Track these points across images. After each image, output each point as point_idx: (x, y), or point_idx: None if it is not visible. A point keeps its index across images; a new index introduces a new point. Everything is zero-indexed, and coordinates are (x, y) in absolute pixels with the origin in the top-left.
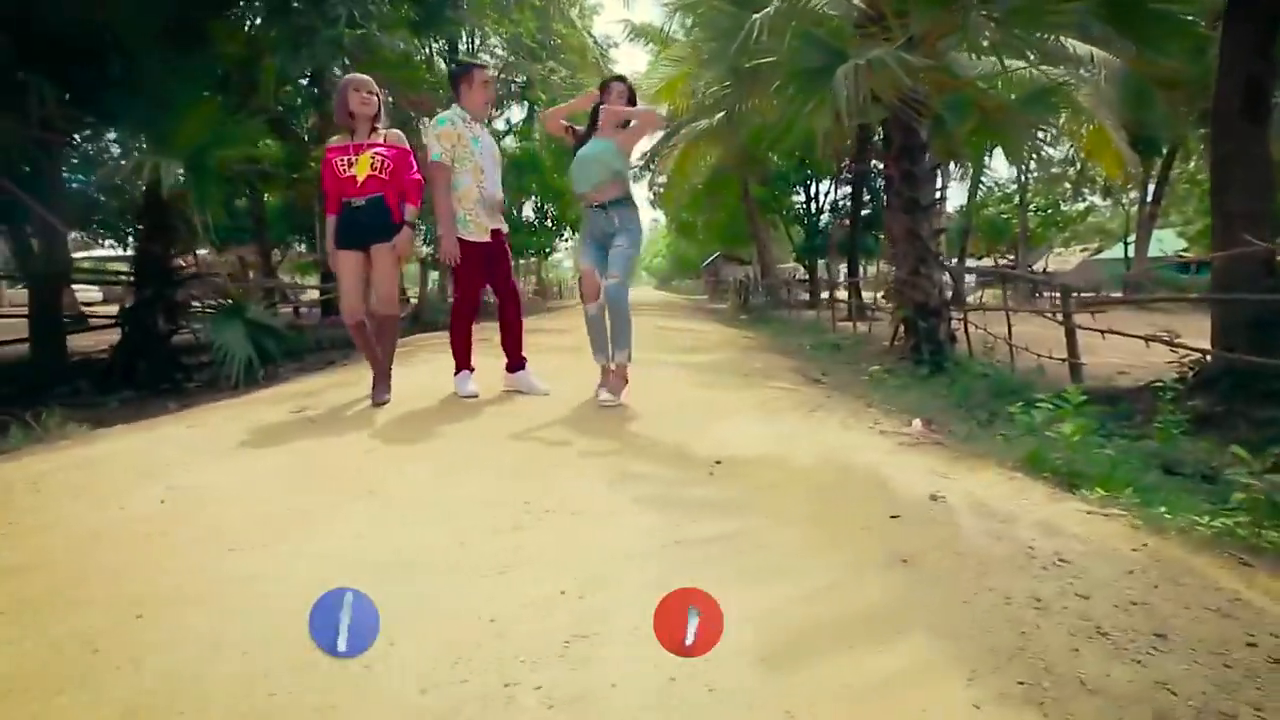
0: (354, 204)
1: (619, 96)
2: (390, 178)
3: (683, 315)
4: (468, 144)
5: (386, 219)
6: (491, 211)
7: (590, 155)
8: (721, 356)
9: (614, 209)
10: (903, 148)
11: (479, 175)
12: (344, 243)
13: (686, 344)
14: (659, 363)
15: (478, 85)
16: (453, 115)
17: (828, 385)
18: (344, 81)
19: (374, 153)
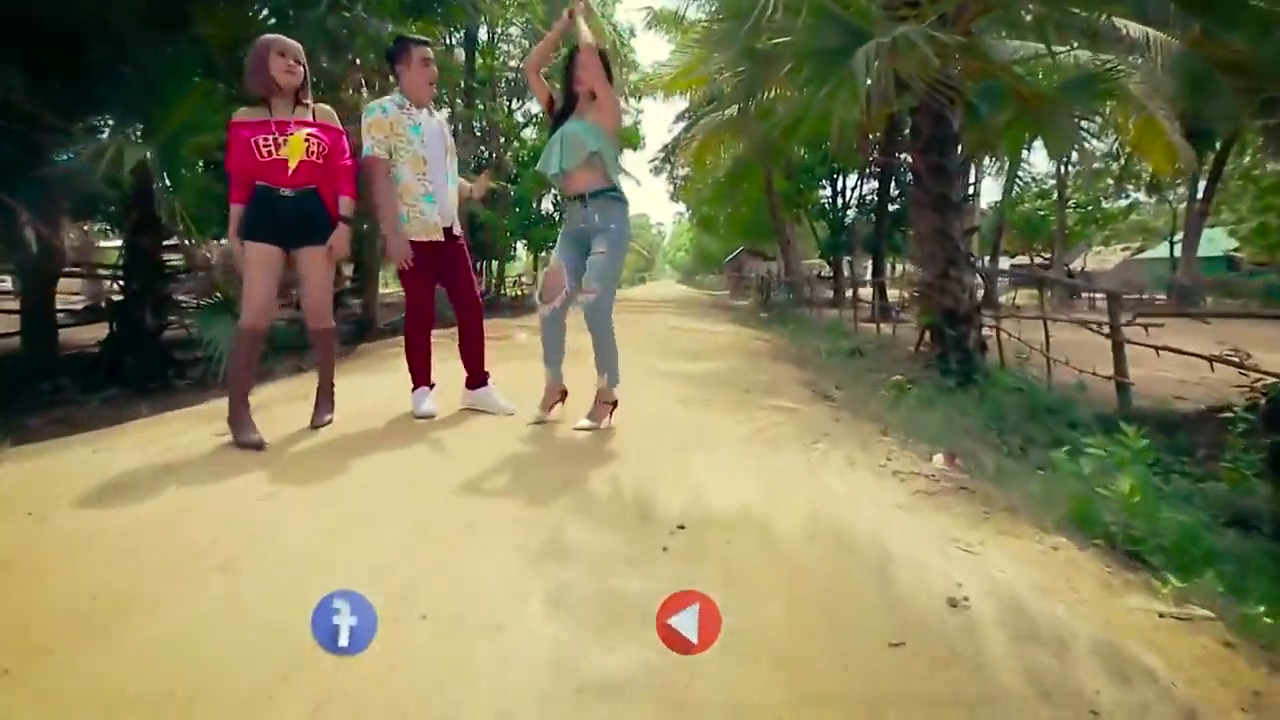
0: (281, 194)
1: (583, 67)
2: (325, 164)
3: (699, 313)
4: (404, 132)
5: (321, 215)
6: (441, 207)
7: (561, 133)
8: (725, 365)
9: (593, 203)
10: (931, 139)
11: (420, 166)
12: (259, 233)
13: (692, 348)
14: (653, 372)
15: (416, 65)
16: (383, 102)
17: (839, 403)
18: (263, 42)
19: (308, 134)
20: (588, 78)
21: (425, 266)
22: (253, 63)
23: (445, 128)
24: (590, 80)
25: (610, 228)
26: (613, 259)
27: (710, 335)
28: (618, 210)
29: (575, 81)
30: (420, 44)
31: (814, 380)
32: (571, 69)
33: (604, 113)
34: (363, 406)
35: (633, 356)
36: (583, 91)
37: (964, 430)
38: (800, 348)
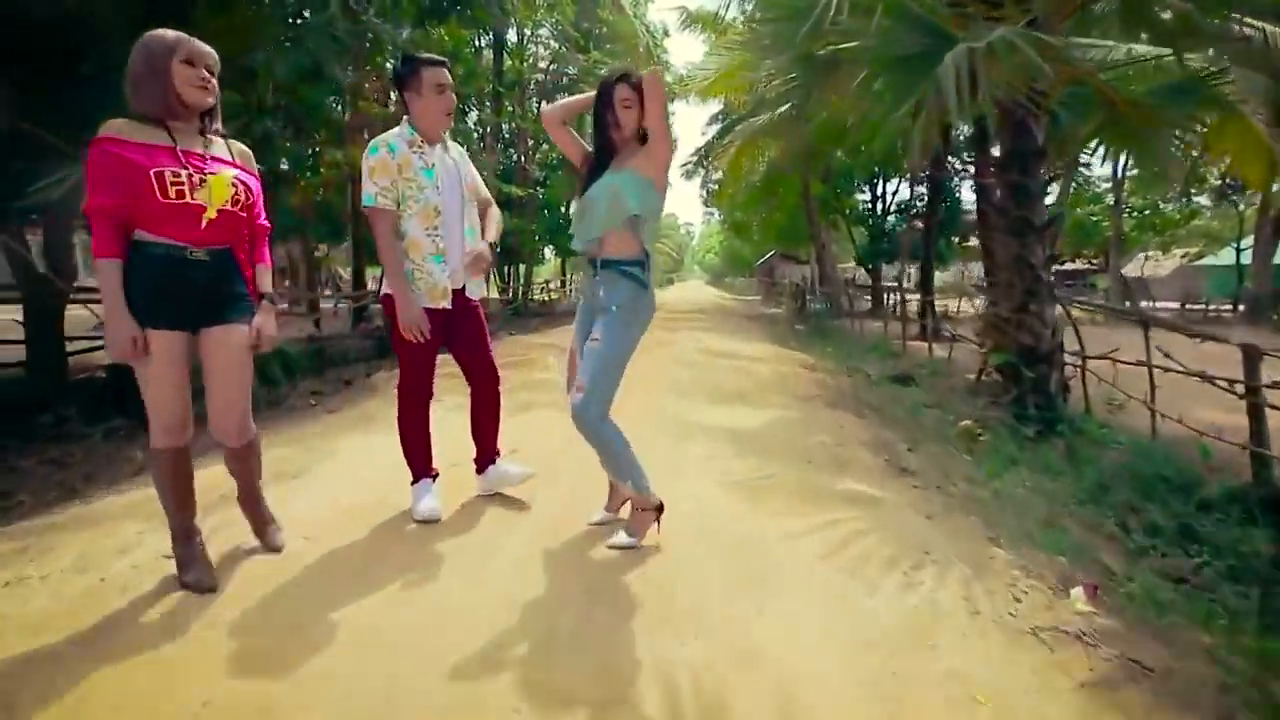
0: (190, 255)
1: (624, 105)
2: (245, 219)
3: (731, 326)
4: (414, 176)
5: (238, 285)
6: (453, 267)
7: (594, 193)
8: (774, 415)
9: (603, 273)
10: (1012, 154)
11: (432, 218)
12: (162, 315)
13: (732, 384)
14: (692, 427)
15: (428, 91)
16: (389, 138)
17: (918, 474)
18: (159, 42)
19: (234, 176)
20: (650, 114)
21: (432, 332)
22: (143, 69)
23: (464, 165)
24: (652, 118)
25: (612, 309)
26: (611, 348)
27: (749, 363)
28: (626, 289)
29: (618, 122)
30: (434, 64)
31: (879, 436)
32: (611, 105)
33: (657, 161)
34: (351, 499)
35: (666, 399)
36: (627, 135)
37: (1061, 498)
38: (848, 373)
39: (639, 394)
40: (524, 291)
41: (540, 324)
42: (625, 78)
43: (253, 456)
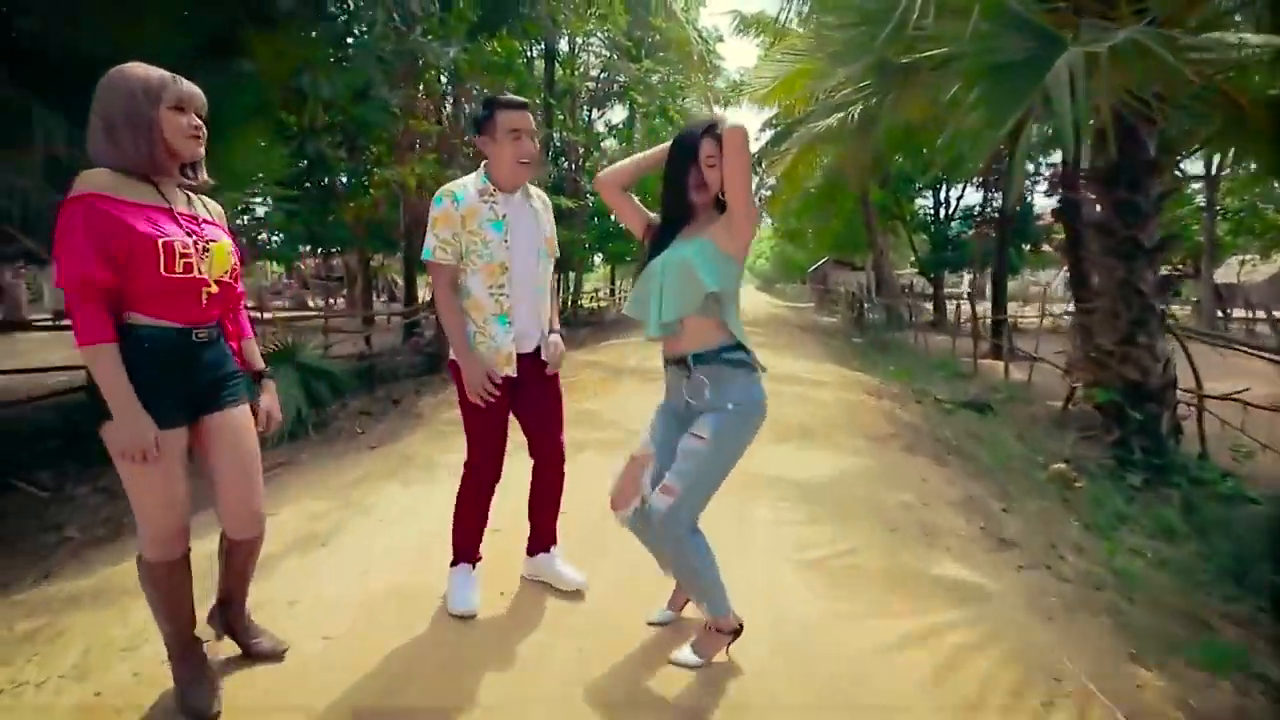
0: (195, 338)
1: (709, 164)
2: (235, 284)
3: (786, 338)
4: (480, 230)
5: (232, 364)
6: (520, 328)
7: (661, 266)
8: (847, 464)
9: (702, 369)
10: (1119, 166)
11: (497, 276)
12: (165, 413)
13: (795, 419)
14: (755, 478)
15: (502, 135)
16: (456, 187)
17: (1025, 553)
18: (141, 81)
19: (230, 244)
20: (731, 176)
21: (491, 404)
22: (123, 114)
23: (544, 214)
24: (734, 181)
25: (728, 407)
26: (717, 453)
27: (811, 388)
28: (741, 380)
29: (704, 182)
30: (511, 108)
31: (968, 492)
32: (697, 161)
33: (739, 232)
34: (381, 578)
35: None
36: (709, 199)
37: (1201, 588)
38: (916, 398)
39: None
40: (574, 300)
41: (589, 335)
42: (712, 130)
43: (253, 554)
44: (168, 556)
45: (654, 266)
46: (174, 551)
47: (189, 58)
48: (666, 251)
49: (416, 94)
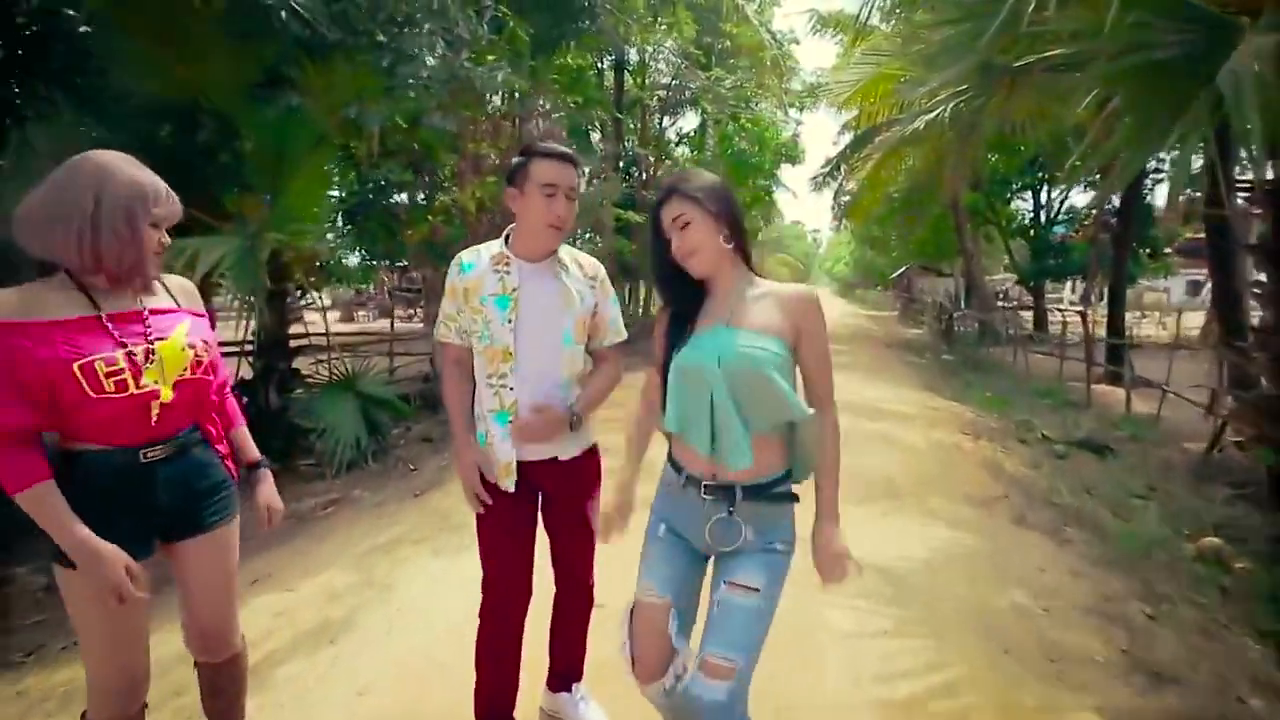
0: (145, 459)
1: (681, 226)
2: (210, 378)
3: (868, 359)
4: (482, 305)
5: (213, 473)
6: (534, 429)
7: (716, 365)
8: (941, 540)
9: (750, 505)
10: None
11: (498, 363)
12: (124, 544)
13: (877, 470)
14: None
15: (533, 188)
16: (468, 254)
17: (1187, 694)
18: (137, 192)
19: (185, 330)
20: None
21: (500, 521)
22: (117, 216)
23: (583, 287)
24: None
25: (776, 547)
26: (771, 606)
27: (896, 424)
28: (789, 519)
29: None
30: (549, 157)
31: (1100, 590)
32: (665, 243)
33: (797, 304)
34: (384, 699)
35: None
36: (705, 263)
37: None
38: (1019, 435)
39: None
40: (644, 312)
41: None
42: (669, 193)
43: (237, 676)
44: (120, 714)
45: (691, 364)
46: (127, 708)
47: (247, 93)
48: (705, 339)
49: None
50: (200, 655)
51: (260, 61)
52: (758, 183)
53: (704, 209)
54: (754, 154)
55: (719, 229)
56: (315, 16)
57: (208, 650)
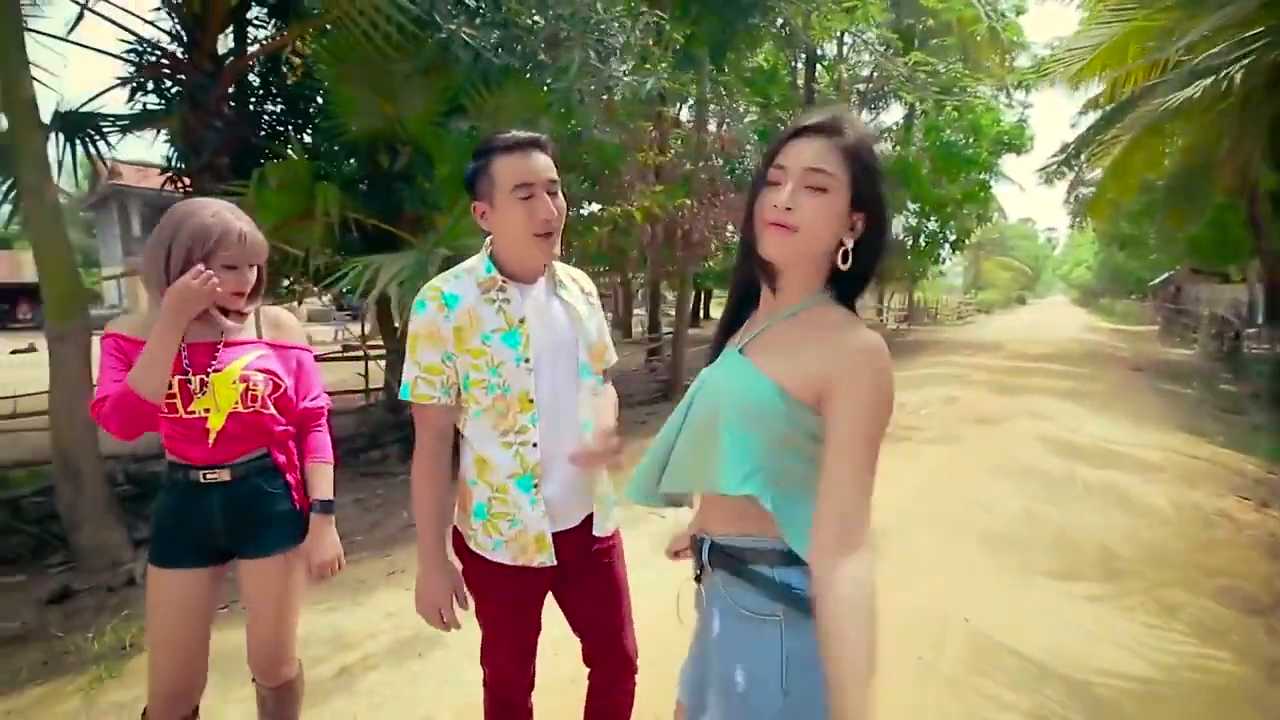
0: (203, 479)
1: (800, 179)
2: (278, 409)
3: (1103, 383)
4: (487, 345)
5: (278, 502)
6: (560, 496)
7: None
8: (1182, 659)
9: (722, 578)
10: None
11: (516, 414)
12: (173, 552)
13: (1090, 541)
14: (990, 651)
15: (503, 195)
16: (446, 282)
17: None
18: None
19: (245, 363)
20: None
21: (513, 606)
22: (182, 253)
23: (585, 307)
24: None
25: (735, 681)
26: None
27: (1130, 476)
28: (767, 629)
29: (770, 221)
30: (513, 150)
31: None
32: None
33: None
34: None
35: (960, 562)
36: (787, 255)
37: None
38: None
39: (914, 539)
40: None
41: None
42: (818, 128)
43: (290, 700)
44: (171, 715)
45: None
46: (178, 710)
47: (434, 122)
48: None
49: (645, 126)
50: (254, 674)
51: (444, 93)
52: (970, 176)
53: (854, 183)
54: (968, 145)
55: (848, 222)
56: (482, 44)
57: (258, 671)
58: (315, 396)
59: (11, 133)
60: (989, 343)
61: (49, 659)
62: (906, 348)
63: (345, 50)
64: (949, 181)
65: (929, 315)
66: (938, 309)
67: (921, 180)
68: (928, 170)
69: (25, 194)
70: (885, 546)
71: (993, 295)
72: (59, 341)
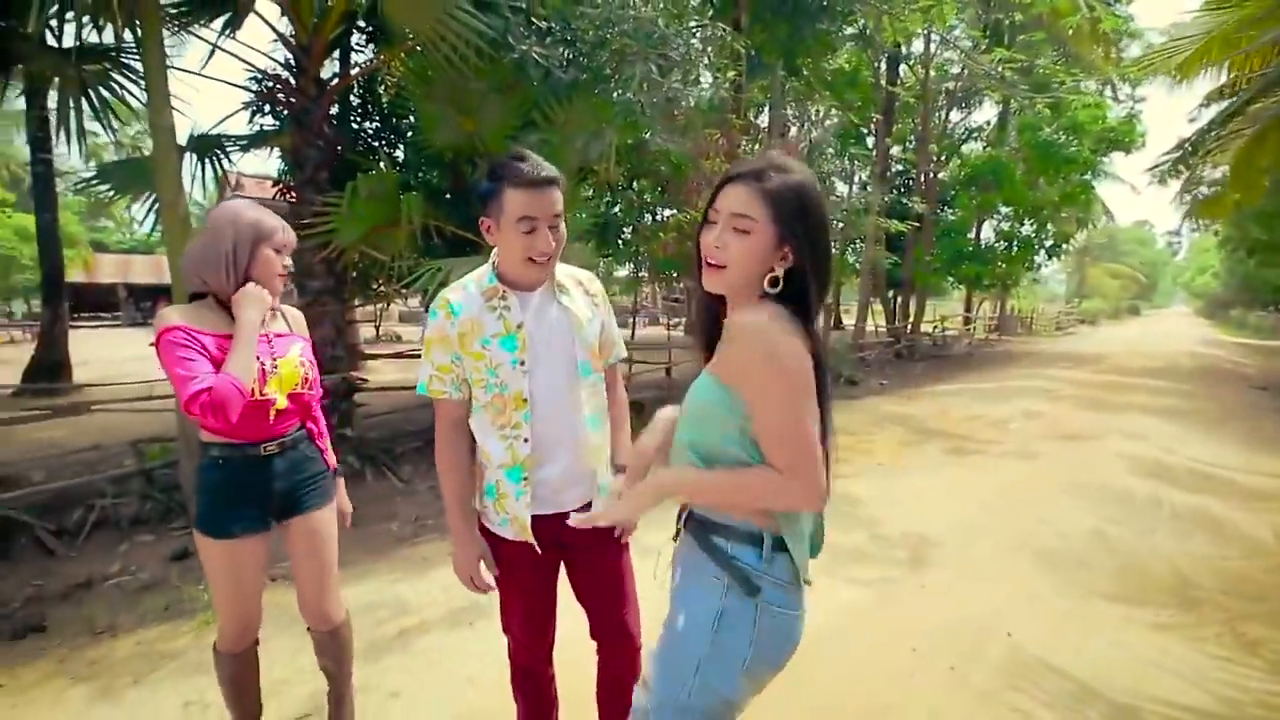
0: (263, 453)
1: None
2: (314, 392)
3: (1213, 402)
4: (486, 349)
5: (315, 465)
6: (560, 478)
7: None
8: (1266, 697)
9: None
10: None
11: (510, 411)
12: (234, 523)
13: (1165, 559)
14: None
15: (508, 224)
16: (455, 293)
17: None
18: (252, 222)
19: (299, 350)
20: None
21: (526, 577)
22: (230, 247)
23: (588, 310)
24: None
25: (678, 619)
26: (653, 698)
27: (1229, 495)
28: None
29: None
30: (525, 185)
31: None
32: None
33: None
34: (483, 693)
35: (1019, 581)
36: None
37: None
38: None
39: (970, 551)
40: (911, 328)
41: (925, 371)
42: (744, 176)
43: (340, 645)
44: (233, 649)
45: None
46: (238, 645)
47: (509, 136)
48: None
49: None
50: (306, 621)
51: (518, 108)
52: (1070, 177)
53: (777, 222)
54: (1068, 143)
55: (777, 254)
56: (552, 62)
57: (309, 618)
58: (319, 380)
59: (155, 155)
60: (1088, 355)
61: (169, 605)
62: (994, 359)
63: (430, 71)
64: (1047, 183)
65: (1022, 325)
66: (1033, 318)
67: (1015, 182)
68: (1022, 171)
69: (164, 207)
70: (939, 556)
71: (1098, 304)
72: None
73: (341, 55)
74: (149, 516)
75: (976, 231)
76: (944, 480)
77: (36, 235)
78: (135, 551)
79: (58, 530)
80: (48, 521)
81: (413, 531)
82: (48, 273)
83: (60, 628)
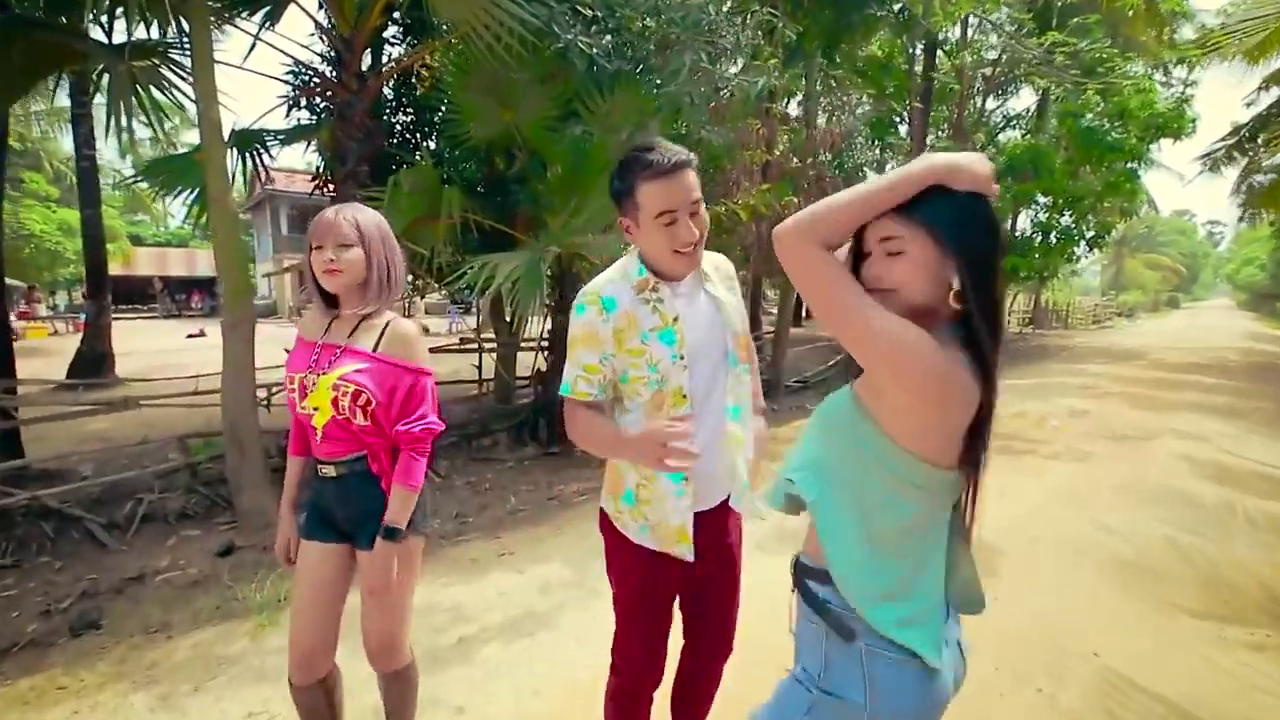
0: (320, 470)
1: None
2: (372, 424)
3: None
4: (645, 344)
5: (371, 503)
6: (703, 492)
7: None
8: None
9: (801, 598)
10: None
11: (673, 407)
12: (314, 528)
13: (1252, 571)
14: (1113, 700)
15: (648, 220)
16: (602, 286)
17: None
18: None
19: (343, 372)
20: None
21: (654, 590)
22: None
23: (732, 297)
24: None
25: (796, 673)
26: None
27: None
28: (817, 640)
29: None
30: (656, 175)
31: None
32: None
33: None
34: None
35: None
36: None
37: None
38: None
39: (1032, 561)
40: None
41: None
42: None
43: (401, 689)
44: (301, 680)
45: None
46: (307, 676)
47: (549, 127)
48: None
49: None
50: (369, 659)
51: (559, 98)
52: (1114, 165)
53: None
54: (1112, 130)
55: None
56: (596, 51)
57: (370, 657)
58: (418, 418)
59: (203, 149)
60: (1128, 350)
61: (220, 604)
62: (1029, 353)
63: (470, 62)
64: (1091, 171)
65: (1057, 318)
66: (1068, 312)
67: (1055, 171)
68: (1063, 159)
69: (211, 202)
70: (999, 564)
71: (1137, 296)
72: (232, 329)
73: (375, 49)
74: (195, 511)
75: (1013, 222)
76: (992, 481)
77: (81, 229)
78: (183, 546)
79: (108, 524)
80: (98, 515)
81: (455, 529)
82: (92, 266)
83: (116, 625)
